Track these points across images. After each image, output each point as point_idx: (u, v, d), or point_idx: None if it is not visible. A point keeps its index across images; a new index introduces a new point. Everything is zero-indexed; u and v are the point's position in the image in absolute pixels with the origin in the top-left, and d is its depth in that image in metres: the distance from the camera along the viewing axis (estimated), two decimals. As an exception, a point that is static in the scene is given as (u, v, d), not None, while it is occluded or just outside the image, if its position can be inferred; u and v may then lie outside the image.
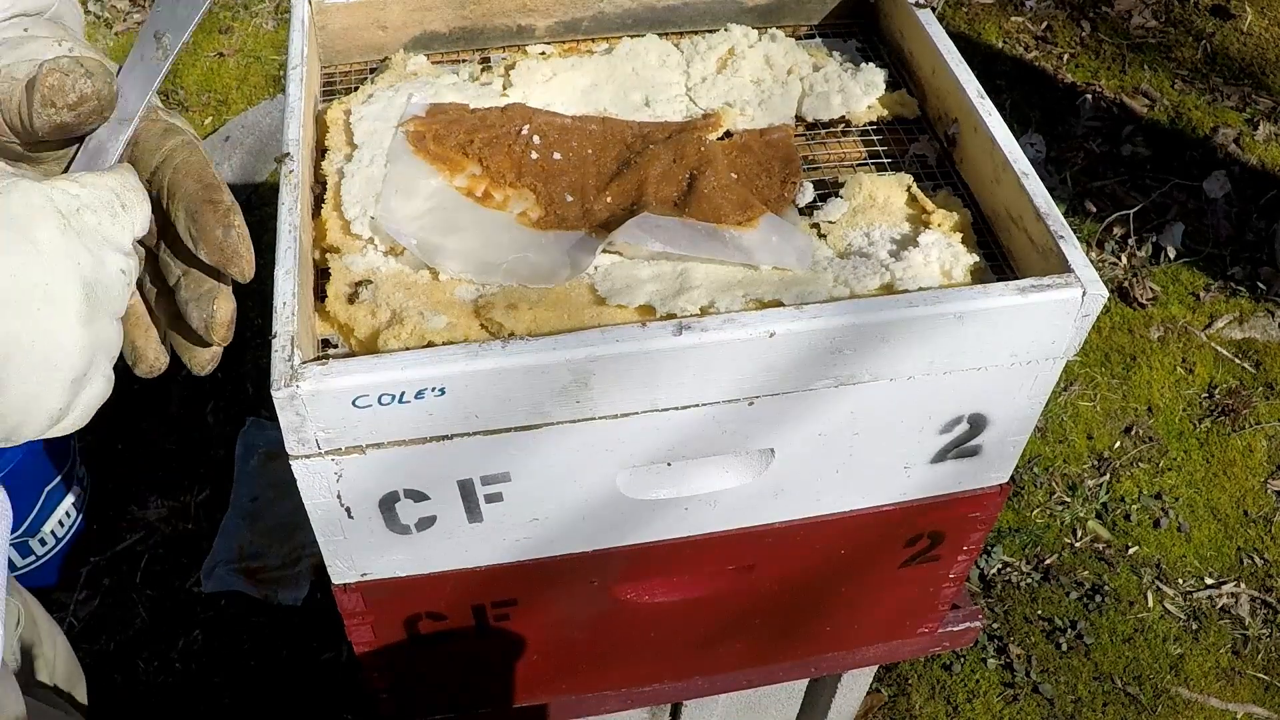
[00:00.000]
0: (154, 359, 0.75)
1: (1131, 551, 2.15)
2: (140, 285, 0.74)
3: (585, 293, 0.94)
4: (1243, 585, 2.11)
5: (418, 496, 0.91)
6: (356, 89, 1.12)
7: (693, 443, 0.93)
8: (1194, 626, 2.05)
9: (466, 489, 0.92)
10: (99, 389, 0.65)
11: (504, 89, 1.13)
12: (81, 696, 1.28)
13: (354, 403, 0.81)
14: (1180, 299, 2.58)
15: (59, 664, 1.25)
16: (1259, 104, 2.92)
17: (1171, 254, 2.65)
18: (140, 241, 0.69)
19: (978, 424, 0.99)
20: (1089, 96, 2.95)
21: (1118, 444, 2.32)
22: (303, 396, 0.80)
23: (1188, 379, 2.44)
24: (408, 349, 0.85)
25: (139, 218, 0.66)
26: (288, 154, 0.92)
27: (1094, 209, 2.73)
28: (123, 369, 0.71)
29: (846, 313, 0.86)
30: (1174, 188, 2.75)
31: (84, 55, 0.67)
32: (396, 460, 0.87)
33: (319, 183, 1.02)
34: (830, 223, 1.02)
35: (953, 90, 1.07)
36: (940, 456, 1.01)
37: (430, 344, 0.87)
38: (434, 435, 0.86)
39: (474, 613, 1.08)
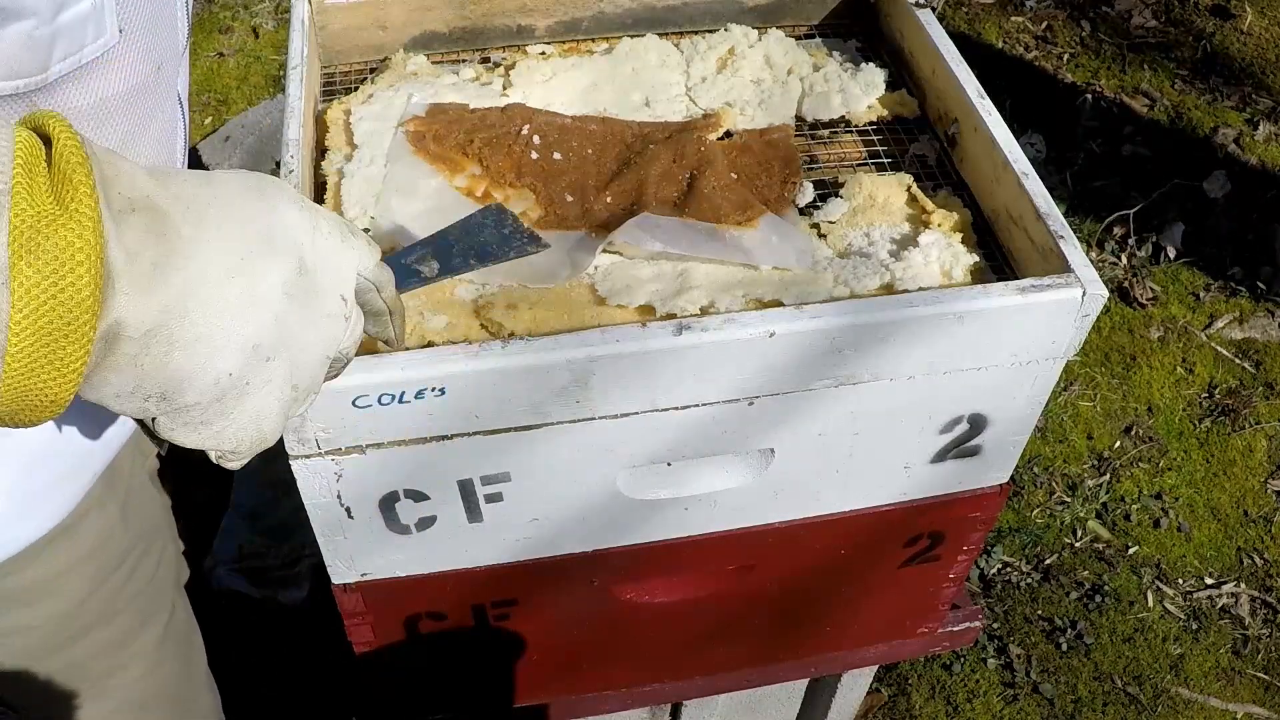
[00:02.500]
0: None
1: (1131, 551, 2.15)
2: None
3: (585, 293, 0.94)
4: (1243, 585, 2.11)
5: (418, 496, 0.91)
6: (356, 89, 1.12)
7: (693, 443, 0.93)
8: (1194, 626, 2.05)
9: (466, 489, 0.92)
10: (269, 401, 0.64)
11: (504, 89, 1.13)
12: None
13: (354, 403, 0.81)
14: (1180, 299, 2.58)
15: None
16: (1259, 104, 2.92)
17: (1171, 254, 2.65)
18: None
19: (978, 424, 0.99)
20: (1089, 96, 2.95)
21: (1118, 444, 2.32)
22: (303, 396, 0.80)
23: (1188, 379, 2.44)
24: (408, 349, 0.85)
25: (366, 254, 0.69)
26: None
27: (1094, 209, 2.73)
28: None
29: (846, 313, 0.86)
30: (1174, 188, 2.75)
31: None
32: (396, 460, 0.87)
33: (319, 183, 1.03)
34: (830, 223, 1.02)
35: (953, 90, 1.07)
36: (940, 456, 1.01)
37: (430, 344, 0.87)
38: (434, 435, 0.86)
39: (474, 613, 1.08)
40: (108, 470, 0.98)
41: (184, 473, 1.19)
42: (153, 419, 0.61)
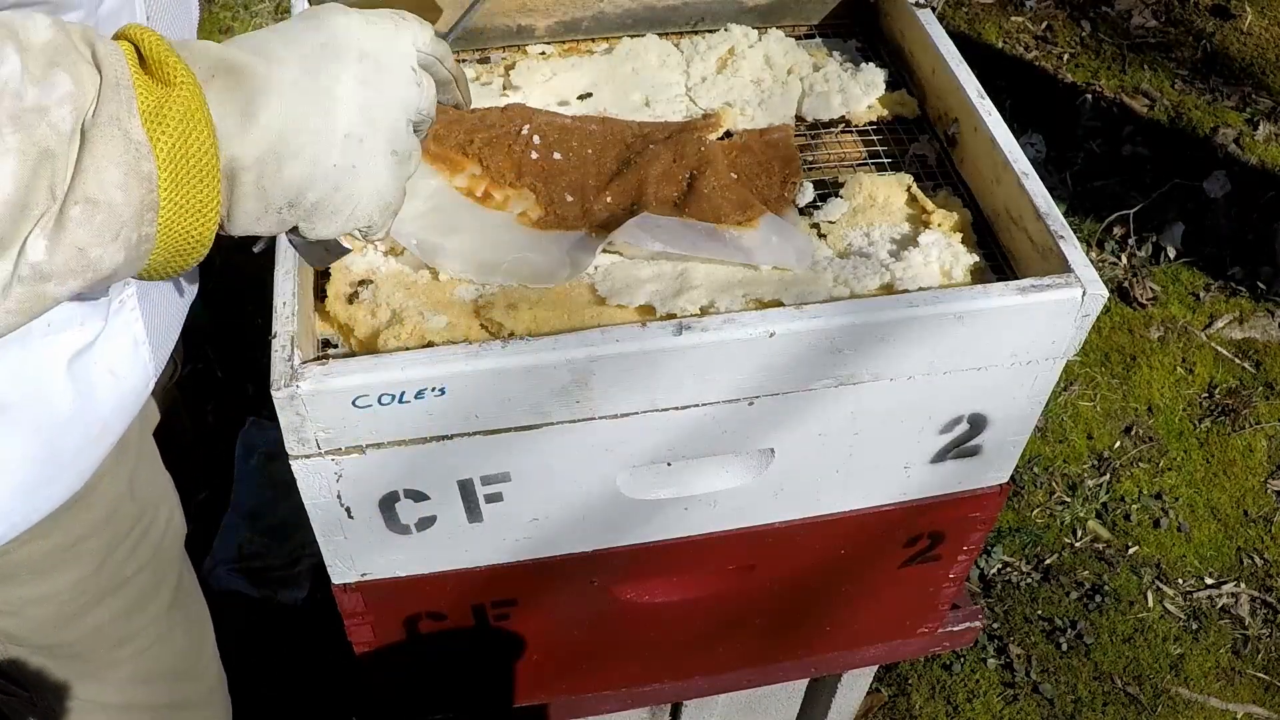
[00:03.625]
0: None
1: (1131, 551, 2.15)
2: None
3: (585, 293, 0.94)
4: (1243, 585, 2.11)
5: (418, 496, 0.91)
6: (356, 89, 1.12)
7: (693, 443, 0.93)
8: (1194, 626, 2.05)
9: (466, 489, 0.92)
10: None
11: (504, 89, 1.13)
12: None
13: (354, 403, 0.81)
14: (1180, 299, 2.58)
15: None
16: (1259, 104, 2.92)
17: (1171, 254, 2.65)
18: None
19: (978, 424, 0.99)
20: (1089, 96, 2.95)
21: (1118, 444, 2.32)
22: (303, 396, 0.80)
23: (1188, 379, 2.44)
24: (408, 349, 0.85)
25: (419, 30, 0.77)
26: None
27: (1094, 209, 2.73)
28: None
29: (846, 313, 0.86)
30: (1174, 188, 2.75)
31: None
32: (396, 460, 0.87)
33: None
34: (830, 223, 1.02)
35: (953, 90, 1.07)
36: (940, 456, 1.01)
37: (430, 344, 0.87)
38: (434, 435, 0.86)
39: (474, 613, 1.08)
40: (119, 440, 0.99)
41: (184, 473, 1.19)
42: (295, 228, 0.71)
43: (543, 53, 1.19)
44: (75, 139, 0.58)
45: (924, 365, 0.91)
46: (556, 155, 1.04)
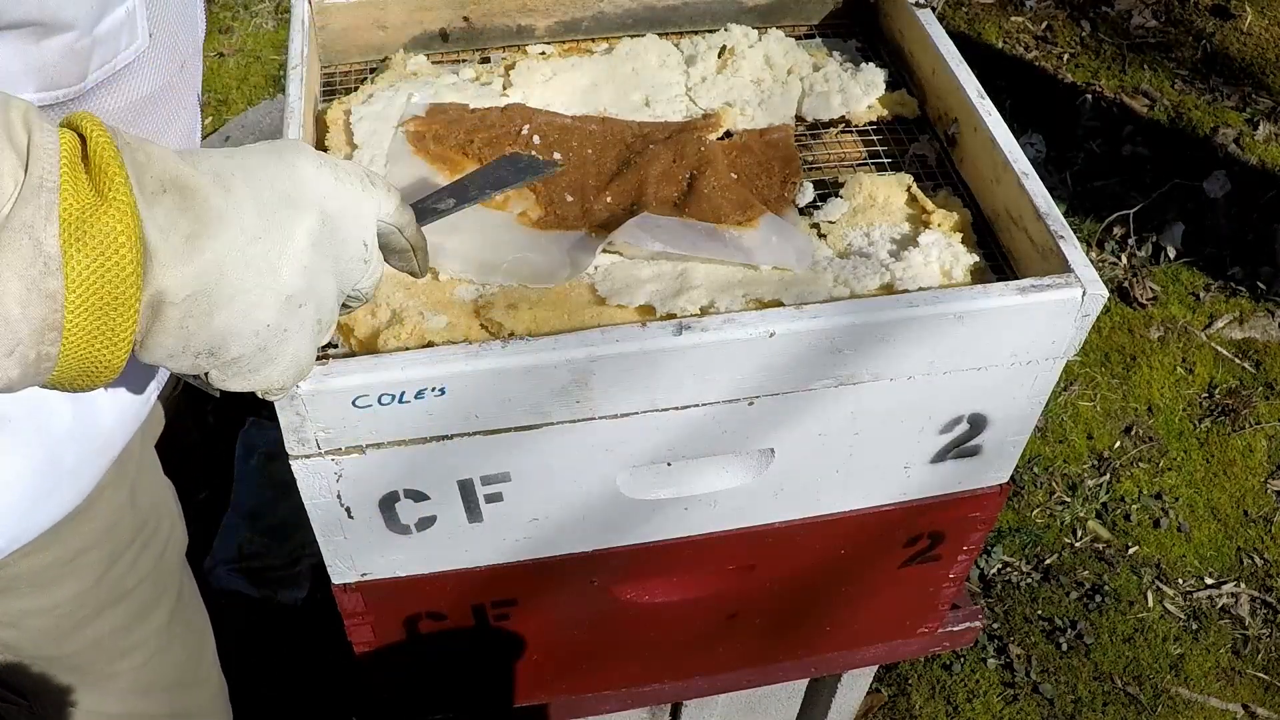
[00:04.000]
0: None
1: (1131, 551, 2.15)
2: None
3: (585, 293, 0.94)
4: (1243, 585, 2.11)
5: (418, 496, 0.91)
6: (356, 89, 1.12)
7: (693, 443, 0.93)
8: (1194, 626, 2.05)
9: (466, 489, 0.92)
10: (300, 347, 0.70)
11: (504, 89, 1.13)
12: None
13: (354, 403, 0.81)
14: (1180, 299, 2.58)
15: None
16: (1259, 104, 2.92)
17: (1171, 254, 2.65)
18: None
19: (978, 424, 0.99)
20: (1089, 96, 2.95)
21: (1118, 444, 2.32)
22: (303, 396, 0.80)
23: (1188, 379, 2.44)
24: (408, 349, 0.85)
25: (385, 200, 0.74)
26: None
27: (1094, 209, 2.73)
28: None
29: (846, 313, 0.86)
30: (1174, 188, 2.75)
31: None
32: (396, 460, 0.87)
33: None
34: (830, 223, 1.02)
35: (953, 90, 1.07)
36: (940, 456, 1.01)
37: (430, 344, 0.87)
38: (434, 435, 0.86)
39: (474, 613, 1.08)
40: (120, 453, 0.99)
41: (184, 473, 1.19)
42: (205, 374, 0.67)
43: (543, 53, 1.19)
44: None
45: (924, 365, 0.91)
46: (556, 155, 1.04)
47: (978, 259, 0.98)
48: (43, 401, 0.88)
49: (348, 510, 0.91)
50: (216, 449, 2.18)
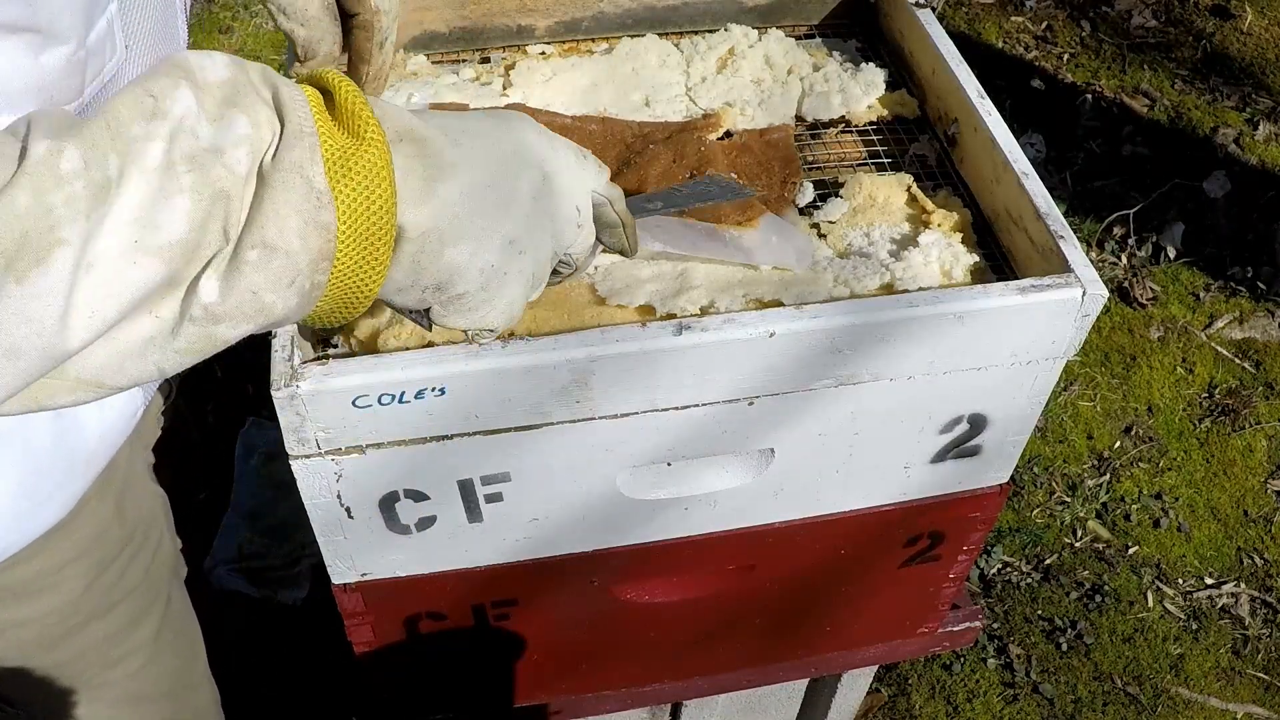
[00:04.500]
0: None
1: (1131, 551, 2.15)
2: None
3: (585, 293, 0.94)
4: (1243, 585, 2.11)
5: (418, 496, 0.91)
6: (356, 89, 1.12)
7: (693, 443, 0.93)
8: (1194, 626, 2.05)
9: (466, 489, 0.92)
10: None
11: (504, 89, 1.13)
12: None
13: (354, 403, 0.81)
14: (1180, 299, 2.58)
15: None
16: (1259, 104, 2.92)
17: (1171, 254, 2.65)
18: None
19: (978, 424, 0.99)
20: (1089, 96, 2.95)
21: (1118, 444, 2.32)
22: (303, 396, 0.80)
23: (1188, 379, 2.44)
24: (408, 349, 0.85)
25: (596, 173, 0.79)
26: None
27: (1094, 209, 2.73)
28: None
29: (846, 313, 0.86)
30: (1174, 188, 2.75)
31: None
32: (396, 460, 0.87)
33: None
34: (830, 223, 1.02)
35: (953, 90, 1.07)
36: (940, 456, 1.01)
37: (430, 344, 0.87)
38: (434, 435, 0.86)
39: (474, 613, 1.08)
40: (107, 466, 0.98)
41: (183, 473, 1.19)
42: (427, 309, 0.71)
43: (543, 53, 1.19)
44: (251, 181, 0.58)
45: (924, 365, 0.91)
46: (556, 155, 1.04)
47: (978, 259, 0.98)
48: (22, 420, 0.87)
49: (348, 510, 0.91)
50: (216, 449, 2.18)
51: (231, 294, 0.58)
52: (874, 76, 1.14)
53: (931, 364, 0.91)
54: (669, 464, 0.95)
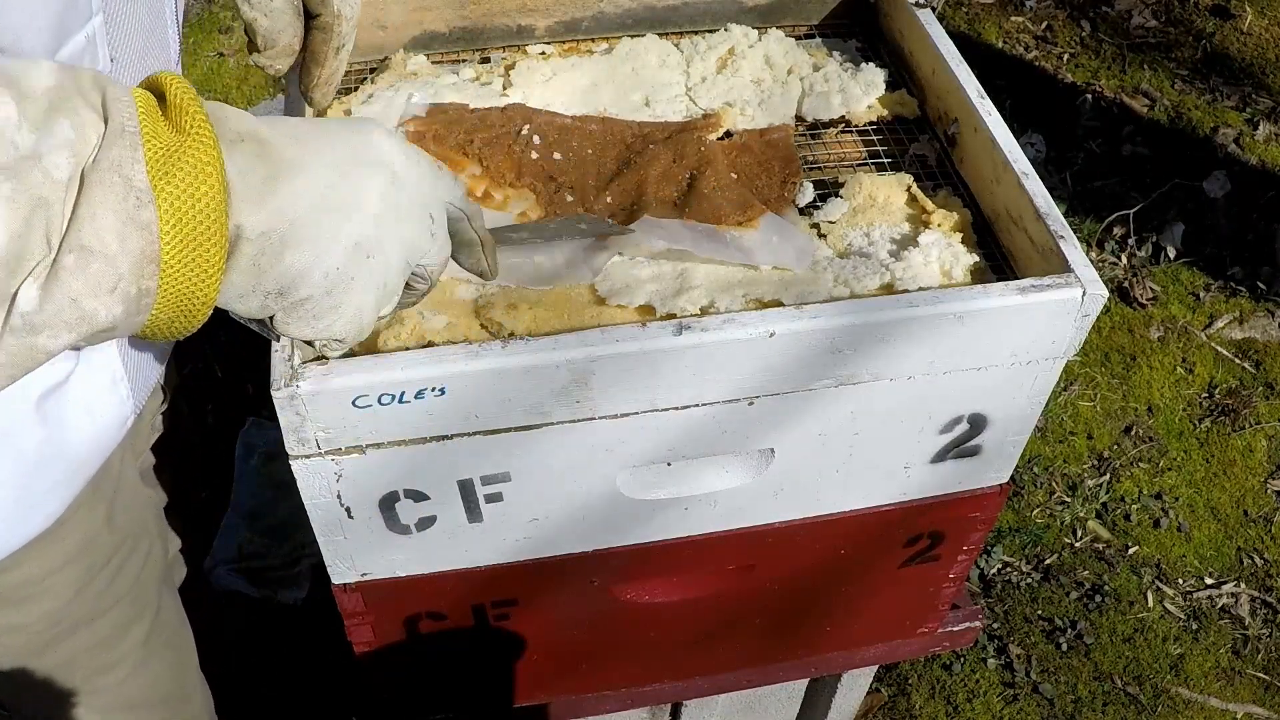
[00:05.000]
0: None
1: (1131, 551, 2.15)
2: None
3: (585, 293, 0.94)
4: (1243, 585, 2.11)
5: (418, 496, 0.91)
6: (356, 89, 1.12)
7: (693, 443, 0.93)
8: (1194, 626, 2.05)
9: (466, 489, 0.92)
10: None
11: (504, 89, 1.13)
12: None
13: (354, 403, 0.81)
14: (1180, 299, 2.58)
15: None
16: (1259, 104, 2.92)
17: (1171, 254, 2.65)
18: None
19: (978, 424, 0.99)
20: (1089, 96, 2.95)
21: (1118, 444, 2.32)
22: (303, 396, 0.80)
23: (1188, 379, 2.44)
24: (408, 349, 0.85)
25: (452, 185, 0.77)
26: None
27: (1094, 209, 2.73)
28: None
29: (846, 313, 0.86)
30: (1174, 188, 2.75)
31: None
32: (396, 460, 0.87)
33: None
34: (830, 223, 1.02)
35: (953, 90, 1.07)
36: (940, 456, 1.01)
37: (430, 344, 0.87)
38: (434, 435, 0.86)
39: (474, 613, 1.08)
40: (98, 472, 0.98)
41: (183, 473, 1.19)
42: (271, 317, 0.68)
43: (543, 53, 1.19)
44: (73, 187, 0.55)
45: (924, 365, 0.91)
46: (556, 155, 1.04)
47: (978, 259, 0.98)
48: (12, 426, 0.87)
49: (348, 510, 0.91)
50: (216, 449, 2.18)
51: (50, 301, 0.55)
52: (874, 76, 1.14)
53: (931, 364, 0.91)
54: (669, 464, 0.95)
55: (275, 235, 0.64)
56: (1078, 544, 2.16)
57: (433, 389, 0.82)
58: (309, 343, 0.72)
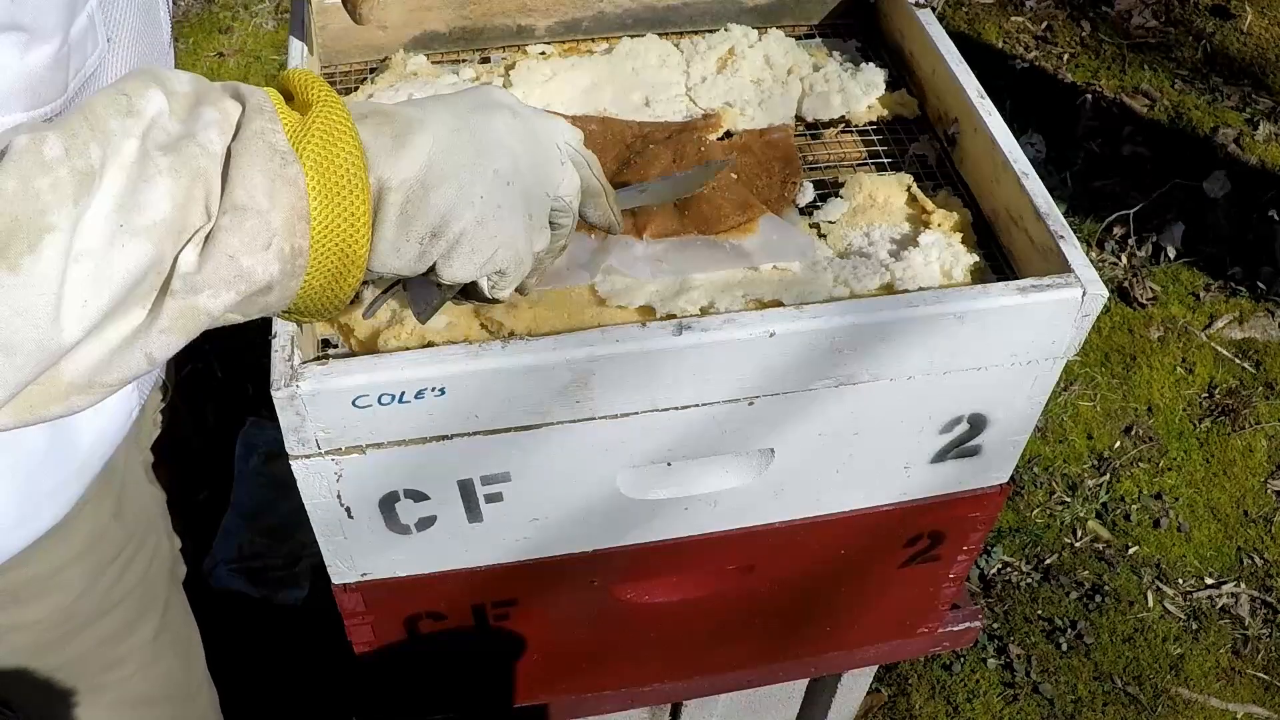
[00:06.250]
0: None
1: (1131, 551, 2.15)
2: None
3: (585, 293, 0.94)
4: (1243, 585, 2.11)
5: (418, 496, 0.91)
6: (357, 89, 1.12)
7: (693, 443, 0.93)
8: (1194, 626, 2.05)
9: (466, 489, 0.92)
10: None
11: (504, 89, 1.13)
12: None
13: (354, 403, 0.81)
14: (1180, 299, 2.58)
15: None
16: (1259, 104, 2.92)
17: (1171, 254, 2.65)
18: None
19: (978, 424, 0.99)
20: (1089, 96, 2.95)
21: (1118, 444, 2.32)
22: (303, 396, 0.80)
23: (1188, 379, 2.44)
24: (408, 349, 0.85)
25: (570, 126, 0.80)
26: None
27: (1094, 209, 2.73)
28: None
29: (846, 313, 0.86)
30: (1174, 188, 2.75)
31: None
32: (396, 460, 0.87)
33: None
34: (830, 223, 1.02)
35: (953, 90, 1.07)
36: (940, 456, 1.01)
37: (430, 344, 0.87)
38: (434, 435, 0.86)
39: (474, 613, 1.08)
40: (104, 468, 0.98)
41: (183, 472, 1.19)
42: (433, 267, 0.70)
43: (543, 53, 1.19)
44: (223, 160, 0.59)
45: (924, 365, 0.91)
46: (556, 155, 1.04)
47: (978, 259, 0.98)
48: None
49: (348, 510, 0.91)
50: (216, 449, 2.18)
51: (208, 261, 0.58)
52: (874, 76, 1.14)
53: (931, 364, 0.91)
54: (669, 464, 0.95)
55: (416, 180, 0.66)
56: (1078, 544, 2.16)
57: (433, 389, 0.82)
58: (477, 295, 0.74)
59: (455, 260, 0.70)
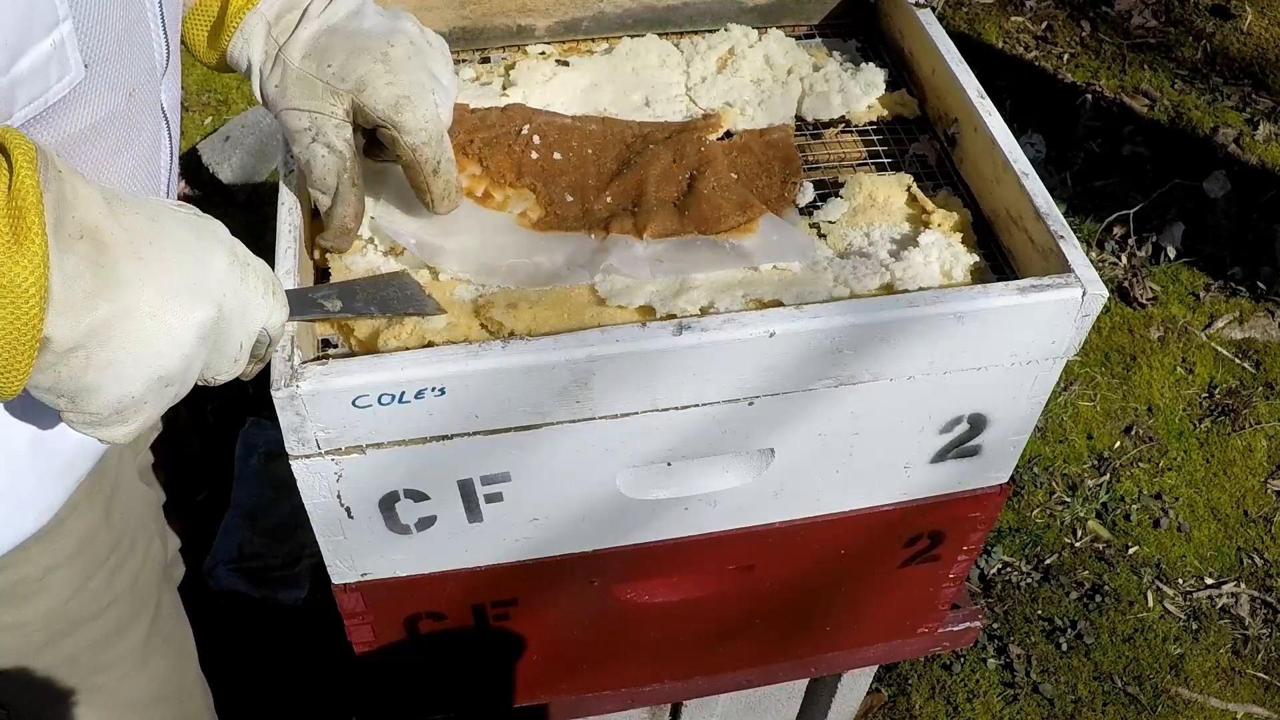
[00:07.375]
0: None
1: (1131, 551, 2.15)
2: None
3: (585, 293, 0.94)
4: (1243, 585, 2.11)
5: (418, 496, 0.91)
6: (356, 89, 1.12)
7: (693, 443, 0.93)
8: (1194, 626, 2.05)
9: (466, 489, 0.92)
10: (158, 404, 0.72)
11: (504, 89, 1.13)
12: None
13: (354, 403, 0.81)
14: (1180, 299, 2.58)
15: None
16: (1259, 104, 2.92)
17: (1171, 254, 2.65)
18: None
19: (978, 424, 0.99)
20: (1089, 96, 2.95)
21: (1118, 444, 2.32)
22: (303, 396, 0.80)
23: (1188, 379, 2.44)
24: (408, 349, 0.85)
25: (277, 312, 0.77)
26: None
27: (1094, 209, 2.73)
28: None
29: (846, 313, 0.86)
30: (1174, 188, 2.75)
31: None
32: (396, 460, 0.87)
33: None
34: (830, 223, 1.02)
35: (953, 90, 1.07)
36: (940, 456, 1.01)
37: (430, 344, 0.87)
38: (434, 435, 0.86)
39: (474, 613, 1.08)
40: (94, 469, 0.98)
41: (183, 472, 1.19)
42: (59, 410, 0.69)
43: (543, 53, 1.19)
44: None
45: (924, 365, 0.91)
46: (556, 155, 1.04)
47: (978, 259, 0.98)
48: (1, 425, 0.87)
49: (348, 510, 0.91)
50: (216, 449, 2.18)
51: None
52: (874, 76, 1.14)
53: (931, 364, 0.91)
54: (669, 464, 0.95)
55: (81, 353, 0.64)
56: (1078, 544, 2.16)
57: (433, 389, 0.82)
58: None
59: (77, 424, 0.70)
